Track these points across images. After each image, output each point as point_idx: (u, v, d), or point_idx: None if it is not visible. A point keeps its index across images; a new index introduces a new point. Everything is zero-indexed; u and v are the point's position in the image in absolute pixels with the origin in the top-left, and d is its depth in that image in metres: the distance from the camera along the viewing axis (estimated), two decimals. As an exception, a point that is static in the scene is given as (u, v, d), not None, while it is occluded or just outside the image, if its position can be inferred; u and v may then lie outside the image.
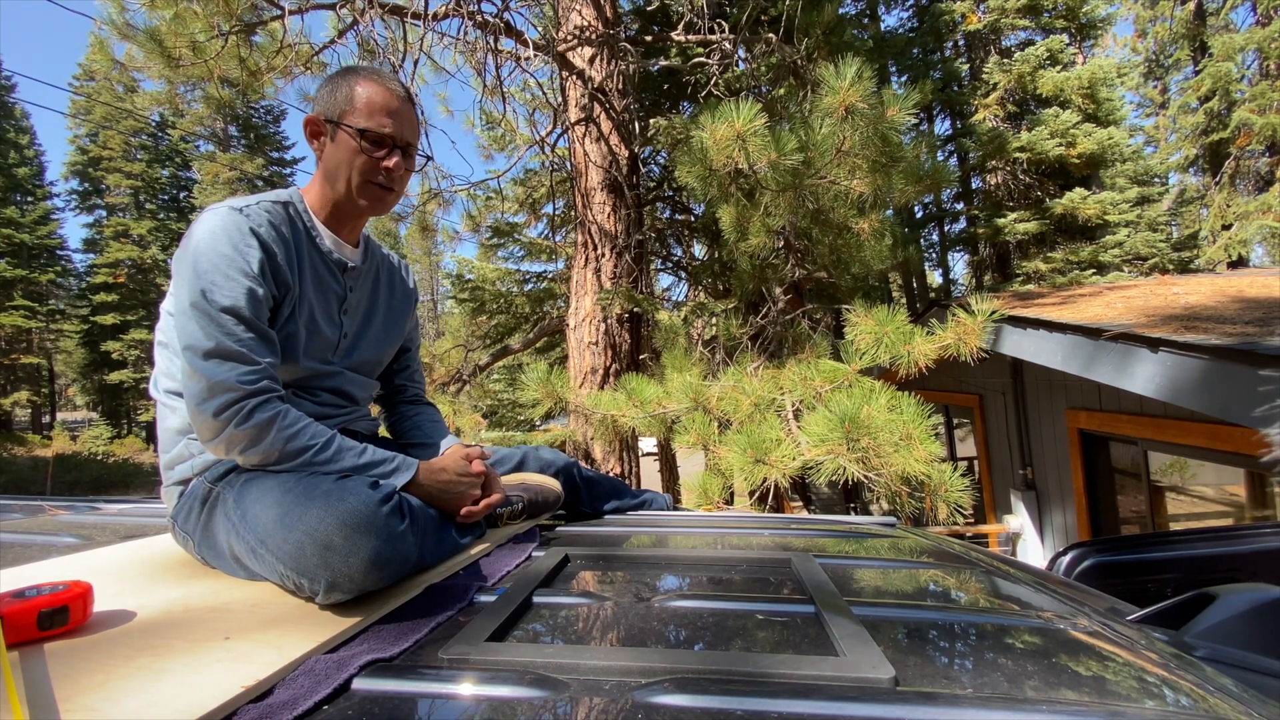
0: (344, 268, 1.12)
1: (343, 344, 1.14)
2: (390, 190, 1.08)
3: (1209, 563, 1.28)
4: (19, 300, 21.54)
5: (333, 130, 1.05)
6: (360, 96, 1.03)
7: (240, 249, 0.94)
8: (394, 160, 1.05)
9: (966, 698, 0.51)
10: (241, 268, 0.93)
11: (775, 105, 4.69)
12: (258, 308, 0.94)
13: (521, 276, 9.45)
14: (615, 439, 3.81)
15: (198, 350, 0.90)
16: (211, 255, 0.92)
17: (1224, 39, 13.42)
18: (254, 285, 0.93)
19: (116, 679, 0.56)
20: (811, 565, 0.88)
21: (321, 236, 1.09)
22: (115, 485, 19.16)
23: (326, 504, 0.78)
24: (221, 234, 0.93)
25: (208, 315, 0.90)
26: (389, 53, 4.15)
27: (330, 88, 1.06)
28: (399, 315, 1.27)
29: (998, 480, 6.36)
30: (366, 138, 1.03)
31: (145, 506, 1.53)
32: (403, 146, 1.07)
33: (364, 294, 1.18)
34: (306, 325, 1.06)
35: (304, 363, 1.06)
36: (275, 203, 1.03)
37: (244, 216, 0.96)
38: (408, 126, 1.07)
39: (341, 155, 1.04)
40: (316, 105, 1.08)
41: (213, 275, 0.91)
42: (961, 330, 2.66)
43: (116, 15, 3.77)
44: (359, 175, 1.04)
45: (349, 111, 1.03)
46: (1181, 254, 15.03)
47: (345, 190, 1.05)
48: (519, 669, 0.57)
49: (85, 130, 23.80)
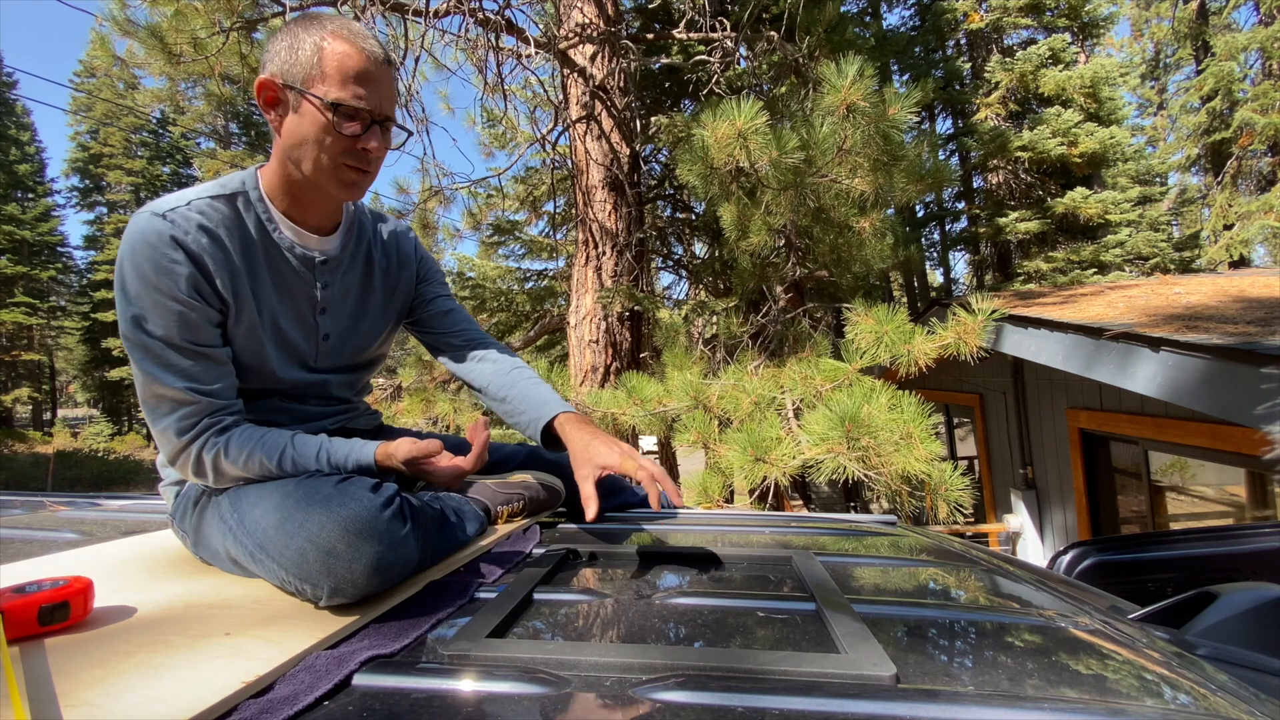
0: (311, 263, 0.97)
1: (323, 347, 1.02)
2: (366, 173, 0.91)
3: (1209, 562, 1.28)
4: (20, 297, 21.57)
5: (295, 99, 0.85)
6: (330, 58, 0.84)
7: (163, 267, 0.81)
8: (373, 141, 0.88)
9: (967, 695, 0.51)
10: (167, 289, 0.82)
11: (777, 103, 4.69)
12: (193, 331, 0.84)
13: (522, 274, 9.44)
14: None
15: (141, 390, 0.85)
16: (135, 276, 0.82)
17: (1226, 38, 13.39)
18: (184, 309, 0.83)
19: (117, 674, 0.56)
20: (812, 563, 0.88)
21: (280, 229, 0.93)
22: (116, 482, 19.17)
23: (328, 509, 0.76)
24: (143, 249, 0.81)
25: (143, 347, 0.83)
26: (390, 50, 4.15)
27: (289, 41, 0.86)
28: (399, 289, 1.13)
29: (998, 479, 6.36)
30: (339, 112, 0.85)
31: (146, 503, 1.53)
32: (381, 121, 0.89)
33: (350, 284, 1.04)
34: (272, 335, 0.95)
35: (280, 374, 0.98)
36: (215, 198, 0.88)
37: (168, 223, 0.82)
38: (386, 96, 0.89)
39: (307, 131, 0.86)
40: (271, 64, 0.86)
41: (140, 301, 0.82)
42: (962, 329, 2.66)
43: (118, 11, 3.77)
44: (329, 157, 0.87)
45: (316, 77, 0.84)
46: (1183, 254, 15.01)
47: (313, 172, 0.88)
48: (520, 665, 0.57)
49: (86, 127, 23.80)
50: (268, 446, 0.88)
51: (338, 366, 1.07)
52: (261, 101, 0.88)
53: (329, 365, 1.06)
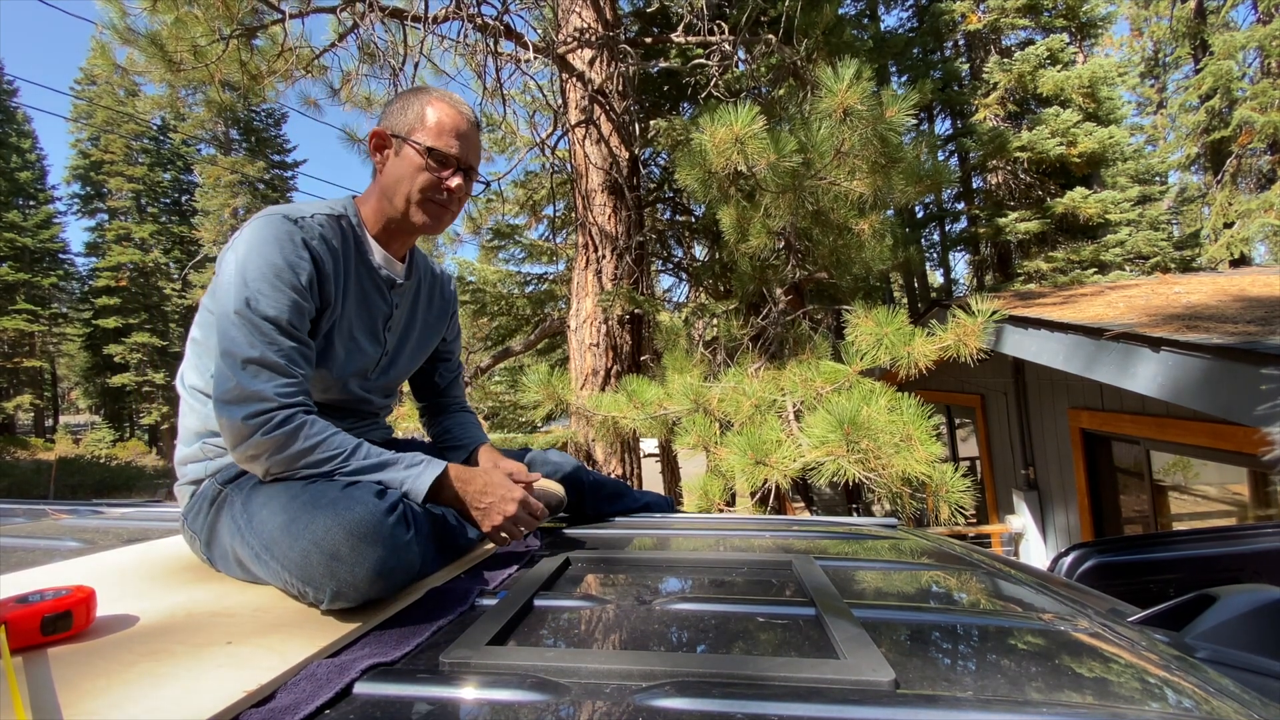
0: (391, 284, 1.12)
1: (383, 360, 1.15)
2: (447, 210, 1.08)
3: (1211, 563, 1.28)
4: (21, 304, 21.58)
5: (399, 145, 1.05)
6: (431, 116, 1.04)
7: (291, 260, 0.94)
8: (456, 180, 1.06)
9: (967, 700, 0.51)
10: (290, 280, 0.93)
11: (775, 106, 4.69)
12: (301, 320, 0.95)
13: (522, 278, 9.45)
14: (617, 441, 3.81)
15: (237, 357, 0.90)
16: (261, 264, 0.92)
17: (1225, 37, 13.41)
18: (299, 298, 0.94)
19: (119, 684, 0.56)
20: (812, 567, 0.89)
21: (372, 252, 1.09)
22: (118, 489, 19.17)
23: (333, 513, 0.78)
24: (273, 243, 0.94)
25: (251, 324, 0.90)
26: (389, 56, 4.16)
27: (401, 104, 1.07)
28: (434, 328, 1.28)
29: (1000, 480, 6.35)
30: (433, 156, 1.04)
31: (148, 510, 1.53)
32: (465, 169, 1.08)
33: (405, 309, 1.19)
34: (345, 342, 1.06)
35: (341, 380, 1.07)
36: (330, 215, 1.04)
37: (298, 227, 0.97)
38: (472, 151, 1.08)
39: (404, 170, 1.04)
40: (384, 120, 1.09)
41: (260, 284, 0.92)
42: (961, 331, 2.66)
43: (118, 19, 3.78)
44: (419, 192, 1.04)
45: (418, 129, 1.04)
46: (1183, 253, 15.02)
47: (404, 205, 1.05)
48: (520, 673, 0.57)
49: (87, 134, 23.85)
50: (343, 437, 0.94)
51: (386, 383, 1.19)
52: (371, 147, 1.09)
53: (381, 381, 1.17)
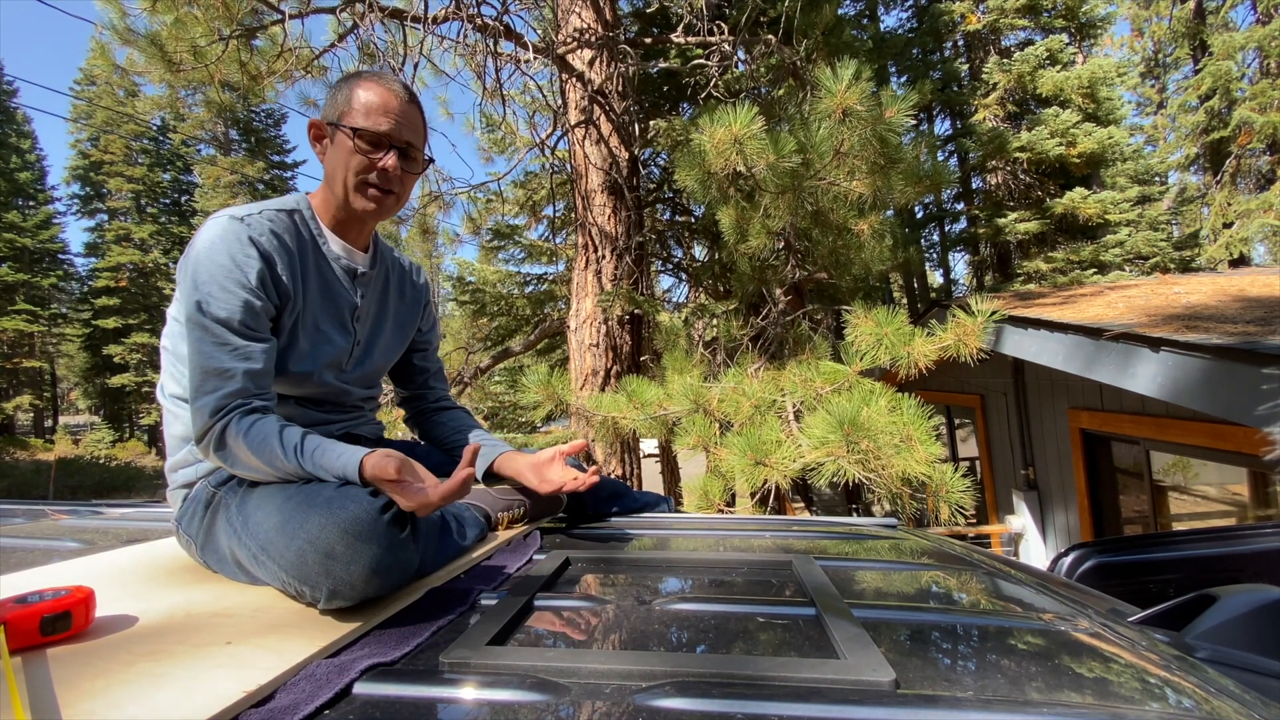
0: (354, 274, 1.11)
1: (355, 352, 1.14)
2: (389, 192, 1.05)
3: (1211, 563, 1.28)
4: (21, 305, 21.56)
5: (332, 132, 1.04)
6: (360, 98, 1.02)
7: (238, 260, 0.93)
8: (390, 160, 1.02)
9: (967, 700, 0.51)
10: (239, 279, 0.92)
11: (774, 106, 4.70)
12: (255, 318, 0.94)
13: (522, 279, 9.44)
14: (616, 441, 3.81)
15: (195, 366, 0.91)
16: (210, 266, 0.92)
17: (1224, 37, 13.40)
18: (250, 297, 0.93)
19: (119, 684, 0.56)
20: (812, 567, 0.88)
21: (329, 243, 1.08)
22: (117, 489, 19.17)
23: (328, 512, 0.78)
24: (220, 244, 0.93)
25: (202, 328, 0.91)
26: (389, 56, 4.16)
27: (333, 92, 1.06)
28: (408, 319, 1.27)
29: (1000, 480, 6.35)
30: (361, 136, 1.01)
31: (147, 511, 1.53)
32: (401, 146, 1.04)
33: (374, 300, 1.17)
34: (311, 334, 1.05)
35: (314, 372, 1.06)
36: (279, 210, 1.03)
37: (244, 225, 0.96)
38: (407, 126, 1.04)
39: (339, 156, 1.02)
40: (322, 111, 1.08)
41: (209, 287, 0.92)
42: (961, 331, 2.66)
43: (117, 20, 3.78)
44: (354, 175, 1.02)
45: (347, 113, 1.02)
46: (1183, 253, 15.00)
47: (343, 192, 1.04)
48: (520, 673, 0.57)
49: (86, 135, 23.84)
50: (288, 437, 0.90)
51: (363, 374, 1.17)
52: (311, 139, 1.08)
53: (357, 372, 1.15)
